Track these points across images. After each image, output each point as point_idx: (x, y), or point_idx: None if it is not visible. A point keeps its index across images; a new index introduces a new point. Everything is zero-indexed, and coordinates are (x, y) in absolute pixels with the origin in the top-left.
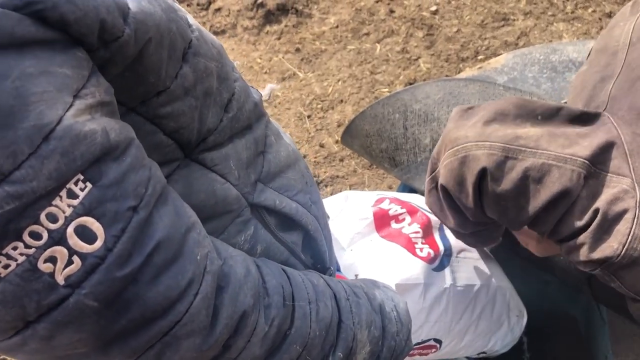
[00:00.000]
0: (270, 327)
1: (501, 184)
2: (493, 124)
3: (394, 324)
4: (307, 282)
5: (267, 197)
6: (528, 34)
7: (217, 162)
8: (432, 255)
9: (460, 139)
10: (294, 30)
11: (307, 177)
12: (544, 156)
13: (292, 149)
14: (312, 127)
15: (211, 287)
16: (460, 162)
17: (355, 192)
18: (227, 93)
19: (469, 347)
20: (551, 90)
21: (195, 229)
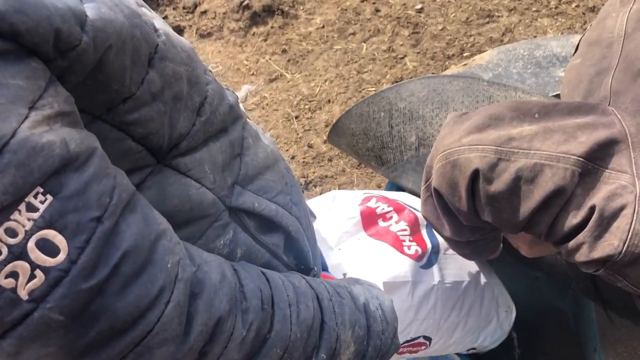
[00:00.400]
0: (248, 332)
1: (494, 185)
2: (488, 129)
3: (379, 323)
4: (287, 284)
5: (245, 200)
6: (513, 30)
7: (191, 166)
8: (420, 252)
9: (453, 144)
10: (280, 31)
11: (287, 177)
12: (537, 156)
13: (270, 150)
14: (300, 127)
15: (183, 295)
16: (453, 165)
17: (342, 192)
18: (198, 97)
19: (458, 344)
20: (535, 86)
21: (166, 236)
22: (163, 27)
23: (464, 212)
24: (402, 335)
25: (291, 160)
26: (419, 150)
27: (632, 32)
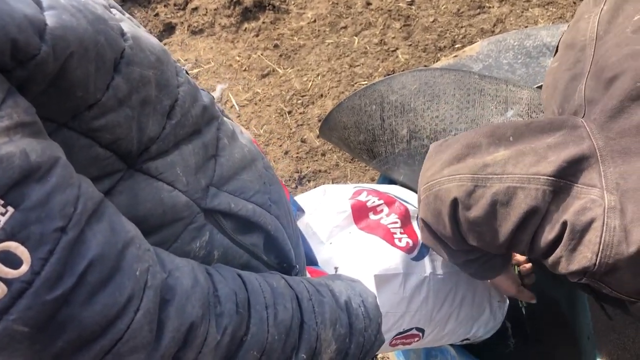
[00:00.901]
0: (223, 336)
1: (472, 212)
2: (466, 158)
3: (361, 320)
4: (265, 285)
5: (221, 201)
6: (504, 20)
7: (163, 170)
8: (411, 244)
9: (434, 176)
10: (271, 26)
11: (265, 177)
12: (509, 180)
13: (248, 149)
14: (293, 122)
15: (153, 302)
16: (435, 196)
17: (333, 186)
18: (168, 100)
19: (452, 335)
20: (526, 76)
21: (135, 243)
22: (132, 30)
23: (451, 239)
24: (395, 327)
25: (284, 156)
26: (411, 143)
27: (603, 35)
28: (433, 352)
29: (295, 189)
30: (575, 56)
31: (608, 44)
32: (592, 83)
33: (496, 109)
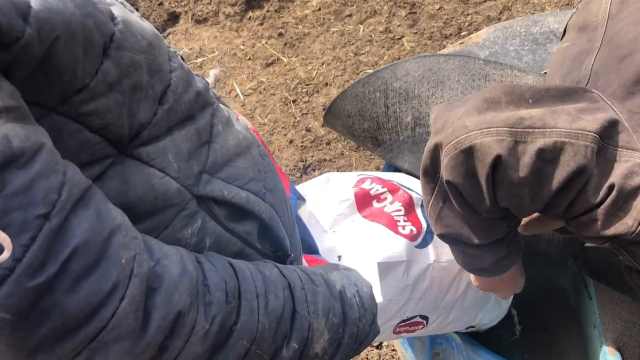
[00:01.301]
0: (211, 325)
1: (516, 171)
2: (488, 111)
3: (355, 310)
4: (256, 274)
5: (214, 188)
6: (510, 7)
7: (154, 156)
8: (415, 232)
9: (458, 130)
10: (276, 15)
11: (260, 164)
12: (555, 134)
13: (243, 136)
14: (297, 111)
15: (139, 291)
16: (467, 153)
17: (336, 174)
18: (160, 85)
19: (456, 322)
20: (533, 63)
21: (121, 231)
22: (122, 14)
23: (484, 203)
24: (398, 314)
25: (289, 145)
26: (415, 130)
27: (615, 14)
28: (438, 339)
29: (300, 178)
30: (587, 37)
31: (623, 22)
32: (603, 58)
33: None
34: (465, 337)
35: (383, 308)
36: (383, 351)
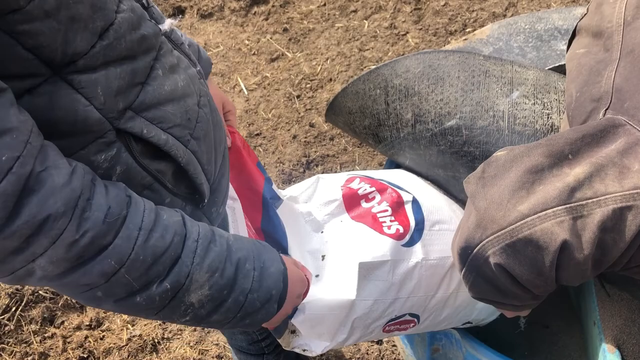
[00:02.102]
0: (82, 237)
1: (581, 250)
2: (536, 186)
3: (249, 282)
4: (149, 213)
5: (134, 125)
6: (516, 4)
7: (84, 85)
8: (402, 231)
9: (510, 216)
10: (281, 10)
11: (193, 113)
12: (610, 201)
13: (183, 84)
14: (301, 107)
15: (12, 186)
16: (525, 241)
17: (326, 175)
18: (102, 22)
19: (450, 320)
20: (537, 59)
21: (11, 134)
22: None
23: (541, 287)
24: (386, 314)
25: (293, 140)
26: (415, 127)
27: (632, 21)
28: (437, 335)
29: (303, 173)
30: (603, 45)
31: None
32: (626, 72)
33: (501, 90)
34: (465, 333)
35: (369, 307)
36: (383, 346)
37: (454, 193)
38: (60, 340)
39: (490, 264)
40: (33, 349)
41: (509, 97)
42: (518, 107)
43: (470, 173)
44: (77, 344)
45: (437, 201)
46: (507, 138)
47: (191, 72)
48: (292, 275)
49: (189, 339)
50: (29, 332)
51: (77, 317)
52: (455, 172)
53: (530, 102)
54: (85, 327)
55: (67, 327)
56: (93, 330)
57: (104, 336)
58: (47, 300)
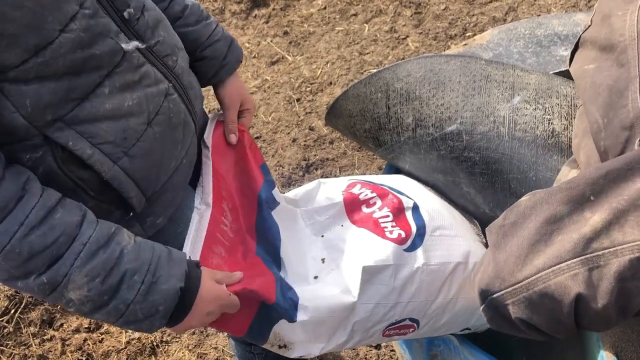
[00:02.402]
0: None
1: (599, 300)
2: (553, 237)
3: (133, 293)
4: (38, 211)
5: (60, 136)
6: (516, 9)
7: (13, 94)
8: (404, 236)
9: (527, 270)
10: (281, 13)
11: (133, 133)
12: (627, 251)
13: (131, 104)
14: (301, 110)
15: None
16: (541, 295)
17: (327, 180)
18: (37, 39)
19: (449, 325)
20: (536, 65)
21: None
22: None
23: (563, 331)
24: (386, 318)
25: (292, 143)
26: (416, 132)
27: None
28: (436, 341)
29: (303, 177)
30: (617, 59)
31: None
32: None
33: (502, 95)
34: (463, 339)
35: (370, 311)
36: (382, 351)
37: (453, 198)
38: (59, 343)
39: (509, 312)
40: (32, 352)
41: (510, 102)
42: (519, 113)
43: (470, 178)
44: (76, 347)
45: (438, 207)
46: (507, 144)
47: (152, 90)
48: (203, 293)
49: (187, 342)
50: (28, 334)
51: (76, 320)
52: (455, 177)
53: (531, 107)
54: (84, 330)
55: (66, 330)
56: (92, 333)
57: (103, 339)
58: (46, 302)
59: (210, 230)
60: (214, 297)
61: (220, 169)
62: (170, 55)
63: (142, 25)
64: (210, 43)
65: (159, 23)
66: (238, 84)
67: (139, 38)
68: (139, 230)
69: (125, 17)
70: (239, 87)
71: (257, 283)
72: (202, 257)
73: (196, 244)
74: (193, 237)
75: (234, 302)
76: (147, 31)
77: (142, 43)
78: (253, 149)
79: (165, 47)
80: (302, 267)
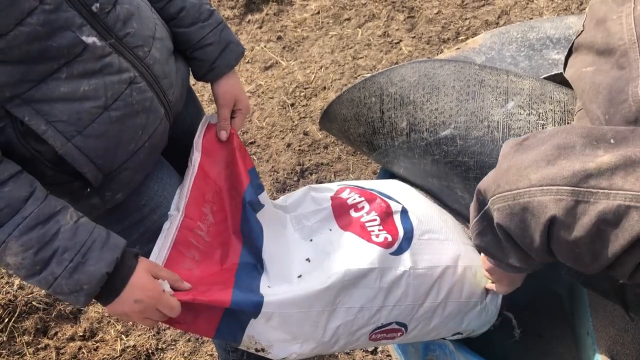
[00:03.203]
0: None
1: (573, 231)
2: (558, 161)
3: (60, 269)
4: None
5: (18, 111)
6: (509, 12)
7: None
8: (390, 240)
9: (520, 182)
10: (275, 18)
11: (87, 115)
12: (620, 197)
13: (87, 89)
14: (295, 115)
15: None
16: (523, 208)
17: (318, 185)
18: None
19: (439, 329)
20: (529, 68)
21: None
22: None
23: (536, 252)
24: (372, 321)
25: (287, 148)
26: (410, 136)
27: None
28: (431, 346)
29: (298, 182)
30: (617, 62)
31: None
32: None
33: (496, 100)
34: (459, 344)
35: (354, 315)
36: (378, 356)
37: (447, 203)
38: (53, 352)
39: (494, 217)
40: None
41: (504, 108)
42: (513, 118)
43: (464, 183)
44: (70, 355)
45: (428, 211)
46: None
47: (113, 79)
48: (134, 281)
49: (183, 349)
50: (22, 343)
51: (70, 328)
52: (449, 182)
53: (525, 112)
54: (79, 338)
55: (61, 338)
56: (87, 341)
57: (98, 347)
58: (41, 311)
59: (181, 235)
60: (142, 287)
61: (211, 172)
62: (141, 47)
63: (112, 18)
64: (200, 47)
65: (132, 16)
66: (233, 83)
67: (108, 30)
68: (97, 202)
69: (94, 10)
70: (234, 86)
71: (212, 293)
72: (171, 261)
73: (162, 249)
74: (162, 242)
75: (170, 303)
76: (118, 23)
77: (108, 37)
78: (242, 152)
79: (136, 38)
80: (286, 268)
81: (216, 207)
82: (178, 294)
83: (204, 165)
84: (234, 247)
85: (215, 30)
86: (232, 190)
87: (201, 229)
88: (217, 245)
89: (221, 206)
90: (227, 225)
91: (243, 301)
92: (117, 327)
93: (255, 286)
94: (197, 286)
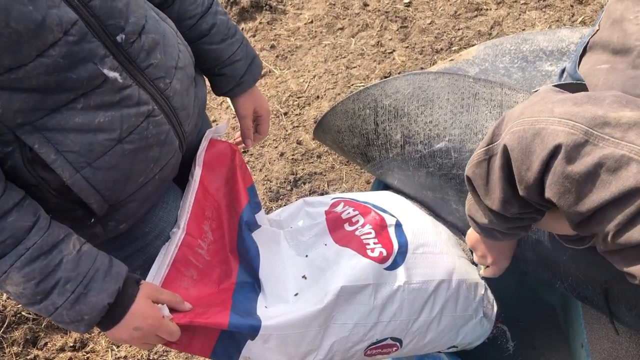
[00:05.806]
0: None
1: (573, 165)
2: (585, 105)
3: (62, 300)
4: None
5: (28, 138)
6: (501, 23)
7: None
8: (385, 254)
9: (543, 112)
10: (268, 27)
11: (99, 147)
12: (627, 148)
13: (102, 121)
14: (289, 124)
15: None
16: (535, 132)
17: (312, 198)
18: (11, 61)
19: (435, 343)
20: (522, 80)
21: None
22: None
23: (527, 183)
24: (367, 337)
25: (280, 157)
26: (404, 148)
27: None
28: (426, 359)
29: (291, 191)
30: (633, 62)
31: None
32: None
33: (490, 113)
34: (454, 358)
35: (349, 331)
36: None
37: (442, 215)
38: None
39: (494, 151)
40: None
41: None
42: None
43: (459, 196)
44: None
45: (422, 224)
46: None
47: (130, 111)
48: (135, 309)
49: None
50: (11, 354)
51: (60, 339)
52: (443, 194)
53: None
54: (69, 349)
55: (51, 349)
56: (77, 351)
57: (88, 358)
58: (30, 321)
59: (181, 254)
60: (142, 315)
61: (210, 187)
62: (163, 78)
63: (136, 49)
64: (231, 62)
65: (157, 46)
66: (254, 93)
67: (130, 60)
68: (100, 231)
69: (118, 40)
70: (255, 95)
71: (210, 315)
72: (169, 280)
73: (161, 268)
74: (161, 260)
75: (169, 329)
76: (142, 54)
77: (131, 67)
78: (243, 170)
79: (159, 70)
80: (282, 287)
81: (215, 224)
82: (176, 316)
83: (204, 180)
84: (232, 265)
85: (242, 45)
86: (230, 207)
87: (201, 247)
88: (216, 264)
89: (219, 223)
90: (225, 243)
91: (241, 324)
92: (107, 337)
93: (252, 308)
94: (194, 307)
